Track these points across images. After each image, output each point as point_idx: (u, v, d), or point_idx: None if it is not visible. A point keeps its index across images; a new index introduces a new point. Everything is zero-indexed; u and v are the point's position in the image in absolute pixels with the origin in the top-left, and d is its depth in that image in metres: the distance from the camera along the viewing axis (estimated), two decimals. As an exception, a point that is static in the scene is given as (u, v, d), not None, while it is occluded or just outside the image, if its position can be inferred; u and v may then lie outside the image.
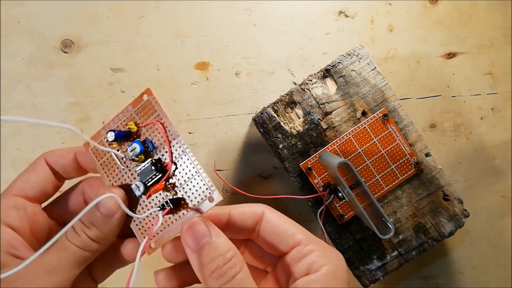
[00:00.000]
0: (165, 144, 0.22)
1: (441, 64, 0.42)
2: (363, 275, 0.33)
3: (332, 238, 0.33)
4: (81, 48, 0.40)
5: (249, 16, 0.41)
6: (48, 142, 0.40)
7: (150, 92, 0.24)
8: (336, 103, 0.33)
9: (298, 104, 0.33)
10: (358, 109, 0.33)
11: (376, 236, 0.32)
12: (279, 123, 0.33)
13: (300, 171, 0.33)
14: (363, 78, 0.33)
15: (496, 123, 0.42)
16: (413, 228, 0.33)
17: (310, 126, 0.33)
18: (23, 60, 0.40)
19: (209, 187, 0.23)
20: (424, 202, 0.34)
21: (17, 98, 0.40)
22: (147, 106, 0.24)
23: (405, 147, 0.33)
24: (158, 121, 0.23)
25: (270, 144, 0.33)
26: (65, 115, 0.40)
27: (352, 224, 0.33)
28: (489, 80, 0.42)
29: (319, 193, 0.32)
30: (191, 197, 0.24)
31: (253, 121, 0.33)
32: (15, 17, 0.40)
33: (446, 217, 0.34)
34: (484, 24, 0.42)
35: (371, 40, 0.41)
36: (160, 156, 0.23)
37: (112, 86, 0.40)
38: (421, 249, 0.33)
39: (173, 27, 0.41)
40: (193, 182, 0.23)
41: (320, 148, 0.33)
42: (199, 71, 0.41)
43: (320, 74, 0.33)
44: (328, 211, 0.33)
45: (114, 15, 0.40)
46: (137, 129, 0.23)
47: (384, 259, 0.33)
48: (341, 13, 0.41)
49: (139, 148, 0.23)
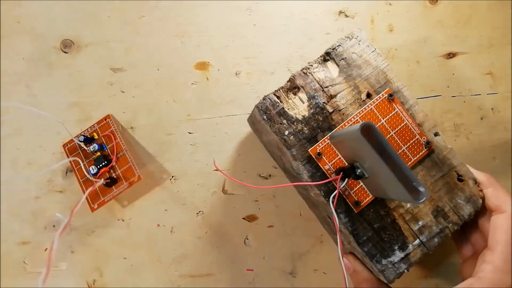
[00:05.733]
0: (115, 146, 0.38)
1: (441, 64, 0.42)
2: (386, 269, 0.30)
3: (349, 230, 0.30)
4: (81, 48, 0.40)
5: (249, 16, 0.41)
6: (48, 142, 0.40)
7: (109, 117, 0.39)
8: (340, 86, 0.32)
9: (301, 89, 0.32)
10: (362, 91, 0.32)
11: (395, 224, 0.30)
12: (283, 108, 0.31)
13: (309, 157, 0.31)
14: (364, 60, 0.32)
15: (496, 123, 0.42)
16: (431, 213, 0.31)
17: (315, 111, 0.31)
18: (23, 60, 0.40)
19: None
20: (439, 184, 0.32)
21: (17, 98, 0.40)
22: (105, 125, 0.39)
23: (414, 127, 0.32)
24: (111, 134, 0.39)
25: (275, 132, 0.31)
26: (65, 115, 0.40)
27: (368, 213, 0.31)
28: (489, 80, 0.42)
29: (331, 178, 0.30)
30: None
31: (255, 109, 0.32)
32: (15, 17, 0.40)
33: (463, 198, 0.32)
34: (484, 24, 0.42)
35: (371, 40, 0.41)
36: (110, 153, 0.39)
37: (112, 86, 0.40)
38: (442, 235, 0.31)
39: (173, 27, 0.41)
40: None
41: (328, 133, 0.31)
42: (199, 71, 0.41)
43: (320, 59, 0.32)
44: (341, 200, 0.31)
45: (114, 15, 0.40)
46: (98, 137, 0.39)
47: (406, 249, 0.31)
48: (341, 13, 0.41)
49: (96, 147, 0.38)
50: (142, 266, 0.39)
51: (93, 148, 0.38)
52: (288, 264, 0.40)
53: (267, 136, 0.34)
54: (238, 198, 0.40)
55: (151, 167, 0.40)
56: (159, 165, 0.40)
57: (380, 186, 0.29)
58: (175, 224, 0.39)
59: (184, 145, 0.40)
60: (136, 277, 0.39)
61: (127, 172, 0.38)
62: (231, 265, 0.39)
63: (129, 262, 0.39)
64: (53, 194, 0.39)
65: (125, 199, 0.39)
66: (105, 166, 0.38)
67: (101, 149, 0.38)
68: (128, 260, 0.39)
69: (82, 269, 0.39)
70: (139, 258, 0.39)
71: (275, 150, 0.35)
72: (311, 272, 0.40)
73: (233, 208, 0.40)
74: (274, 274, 0.40)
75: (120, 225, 0.39)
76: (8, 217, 0.39)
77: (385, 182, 0.27)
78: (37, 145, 0.40)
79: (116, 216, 0.39)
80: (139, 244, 0.39)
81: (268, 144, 0.37)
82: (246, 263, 0.39)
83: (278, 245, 0.40)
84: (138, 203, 0.39)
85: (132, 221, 0.39)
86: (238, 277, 0.39)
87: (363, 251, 0.30)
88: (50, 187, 0.39)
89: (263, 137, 0.36)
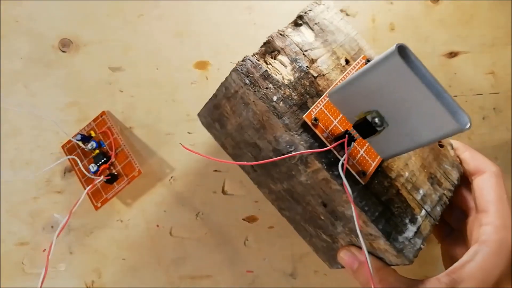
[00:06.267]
0: (112, 142, 0.38)
1: (443, 64, 0.42)
2: (404, 247, 0.26)
3: (359, 206, 0.26)
4: (80, 47, 0.40)
5: (249, 15, 0.41)
6: (47, 142, 0.39)
7: (104, 113, 0.39)
8: (319, 50, 0.30)
9: (281, 51, 0.28)
10: (340, 57, 0.31)
11: (400, 196, 0.28)
12: (267, 71, 0.27)
13: (304, 125, 0.27)
14: (335, 27, 0.31)
15: (498, 123, 0.42)
16: (428, 180, 0.30)
17: (300, 75, 0.28)
18: (21, 59, 0.40)
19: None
20: (426, 150, 0.31)
21: (15, 98, 0.39)
22: (101, 121, 0.39)
23: None
24: (108, 130, 0.39)
25: (262, 98, 0.26)
26: (63, 115, 0.40)
27: (373, 185, 0.27)
28: (491, 80, 0.42)
29: (337, 142, 0.26)
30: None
31: (233, 73, 0.27)
32: (14, 16, 0.40)
33: (448, 163, 0.31)
34: (486, 24, 0.42)
35: (372, 39, 0.41)
36: (108, 149, 0.39)
37: (111, 86, 0.40)
38: (442, 203, 0.30)
39: (172, 26, 0.40)
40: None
41: (316, 99, 0.28)
42: (199, 70, 0.40)
43: (292, 24, 0.30)
44: (346, 174, 0.26)
45: (112, 14, 0.40)
46: (95, 135, 0.39)
47: (416, 221, 0.28)
48: (342, 11, 0.41)
49: (94, 145, 0.38)
50: (141, 267, 0.39)
51: (91, 146, 0.38)
52: (288, 265, 0.39)
53: (239, 117, 0.28)
54: (238, 199, 0.40)
55: (150, 167, 0.39)
56: (158, 165, 0.39)
57: (403, 132, 0.25)
58: (174, 225, 0.39)
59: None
60: (135, 278, 0.39)
61: (127, 167, 0.38)
62: (231, 267, 0.39)
63: (128, 263, 0.39)
64: (52, 195, 0.39)
65: (128, 198, 0.39)
66: (104, 163, 0.37)
67: (99, 146, 0.38)
68: (127, 261, 0.39)
69: (80, 270, 0.39)
70: (138, 259, 0.39)
71: (249, 134, 0.29)
72: (311, 274, 0.40)
73: (233, 209, 0.39)
74: (274, 275, 0.39)
75: (119, 226, 0.39)
76: (6, 218, 0.39)
77: (417, 121, 0.24)
78: (36, 146, 0.39)
79: (115, 217, 0.39)
80: (138, 245, 0.39)
81: (236, 133, 0.30)
82: (246, 264, 0.39)
83: (278, 246, 0.39)
84: (137, 203, 0.39)
85: (131, 222, 0.39)
86: (238, 279, 0.39)
87: (379, 229, 0.26)
88: (49, 187, 0.39)
89: (229, 124, 0.30)
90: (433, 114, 0.23)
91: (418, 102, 0.23)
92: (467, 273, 0.25)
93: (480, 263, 0.25)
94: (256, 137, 0.29)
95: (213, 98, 0.29)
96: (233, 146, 0.31)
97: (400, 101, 0.24)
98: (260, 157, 0.30)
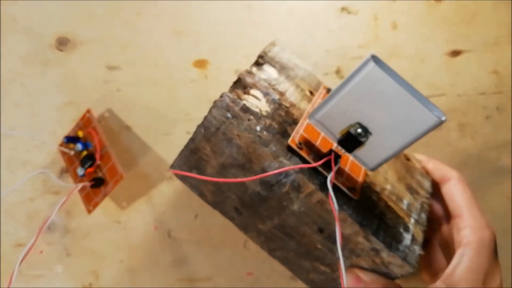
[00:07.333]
0: (97, 144, 0.37)
1: (446, 62, 0.41)
2: (406, 255, 0.27)
3: (357, 222, 0.27)
4: (77, 45, 0.40)
5: (249, 13, 0.40)
6: (44, 142, 0.39)
7: (89, 111, 0.38)
8: (285, 85, 0.31)
9: (253, 87, 0.29)
10: (304, 89, 0.32)
11: (389, 208, 0.29)
12: (245, 104, 0.28)
13: (290, 150, 0.28)
14: (293, 64, 0.33)
15: (502, 123, 0.41)
16: (407, 191, 0.31)
17: (275, 106, 0.29)
18: (18, 58, 0.40)
19: None
20: (397, 164, 0.33)
21: (12, 97, 0.39)
22: (87, 120, 0.38)
23: None
24: (92, 130, 0.37)
25: (246, 129, 0.27)
26: (60, 114, 0.39)
27: (364, 200, 0.28)
28: (494, 79, 0.42)
29: (324, 159, 0.27)
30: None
31: (214, 110, 0.27)
32: (11, 15, 0.40)
33: (418, 174, 0.33)
34: (489, 22, 0.42)
35: (374, 37, 0.41)
36: (94, 152, 0.37)
37: (108, 85, 0.40)
38: (425, 210, 0.31)
39: (171, 24, 0.40)
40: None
41: (294, 127, 0.29)
42: (198, 69, 0.40)
43: (255, 64, 0.31)
44: (336, 191, 0.27)
45: (110, 12, 0.40)
46: (83, 135, 0.38)
47: (409, 230, 0.29)
48: (344, 9, 0.41)
49: (80, 147, 0.37)
50: (139, 269, 0.39)
51: (77, 148, 0.37)
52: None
53: (221, 157, 0.28)
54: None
55: (148, 167, 0.39)
56: (156, 165, 0.39)
57: (386, 137, 0.25)
58: (173, 226, 0.39)
59: (182, 145, 0.39)
60: (133, 281, 0.39)
61: (110, 171, 0.36)
62: (231, 269, 0.39)
63: (125, 265, 0.39)
64: (48, 196, 0.39)
65: (125, 199, 0.39)
66: (90, 166, 0.36)
67: (86, 148, 0.37)
68: (125, 264, 0.39)
69: (78, 272, 0.39)
70: (136, 261, 0.39)
71: (232, 172, 0.29)
72: (312, 276, 0.39)
73: (233, 210, 0.39)
74: (274, 277, 0.39)
75: (117, 228, 0.39)
76: (3, 219, 0.39)
77: (398, 123, 0.25)
78: (33, 146, 0.39)
79: (113, 218, 0.39)
80: (136, 247, 0.39)
81: (217, 176, 0.29)
82: (245, 266, 0.39)
83: (278, 248, 0.39)
84: (134, 205, 0.39)
85: (129, 224, 0.39)
86: (237, 281, 0.39)
87: (380, 241, 0.27)
88: (45, 188, 0.39)
89: (209, 168, 0.29)
90: (412, 113, 0.24)
91: (397, 104, 0.24)
92: (458, 276, 0.27)
93: (468, 264, 0.27)
94: (241, 174, 0.28)
95: (190, 142, 0.29)
96: (214, 192, 0.30)
97: (379, 107, 0.25)
98: (247, 196, 0.29)
